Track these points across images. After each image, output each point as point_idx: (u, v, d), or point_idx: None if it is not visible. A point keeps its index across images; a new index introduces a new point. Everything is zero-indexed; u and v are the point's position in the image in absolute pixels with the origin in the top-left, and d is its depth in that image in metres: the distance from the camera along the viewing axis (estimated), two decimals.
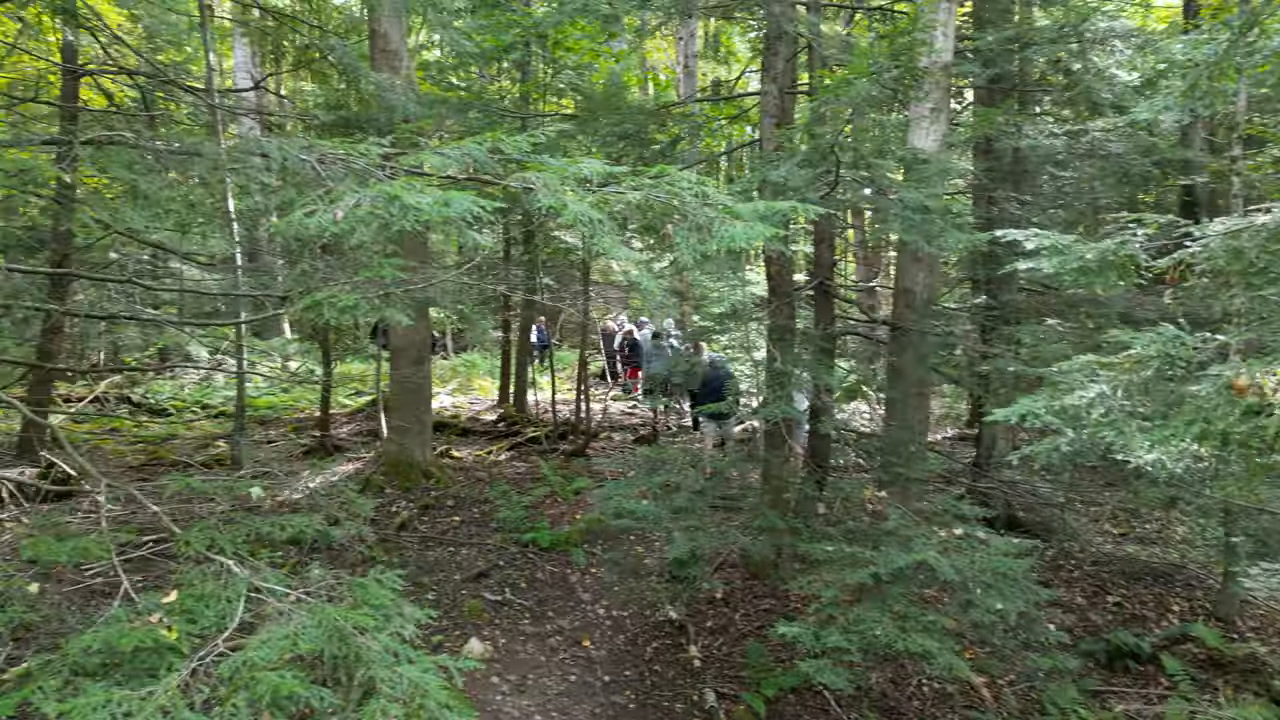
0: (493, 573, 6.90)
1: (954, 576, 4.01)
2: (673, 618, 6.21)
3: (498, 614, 6.27)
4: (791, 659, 5.63)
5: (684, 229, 3.18)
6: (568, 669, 5.63)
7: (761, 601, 6.41)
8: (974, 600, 4.06)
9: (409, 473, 8.78)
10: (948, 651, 3.97)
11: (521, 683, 5.40)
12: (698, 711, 5.13)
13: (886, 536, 4.51)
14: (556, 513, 8.25)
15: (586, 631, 6.15)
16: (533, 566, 7.11)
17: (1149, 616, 6.29)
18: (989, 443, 7.61)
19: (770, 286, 6.52)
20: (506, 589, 6.64)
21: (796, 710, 5.13)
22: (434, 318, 18.22)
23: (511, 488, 8.88)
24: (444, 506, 8.37)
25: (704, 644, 5.90)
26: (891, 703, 5.22)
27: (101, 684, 1.98)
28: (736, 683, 5.42)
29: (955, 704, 5.23)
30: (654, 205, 3.29)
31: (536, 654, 5.77)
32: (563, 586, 6.85)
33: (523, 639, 5.95)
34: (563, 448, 10.47)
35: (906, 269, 5.90)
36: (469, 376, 16.77)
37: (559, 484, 8.84)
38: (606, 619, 6.36)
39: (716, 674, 5.53)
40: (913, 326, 5.68)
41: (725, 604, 6.45)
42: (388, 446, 9.05)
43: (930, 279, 5.84)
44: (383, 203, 2.59)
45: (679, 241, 3.18)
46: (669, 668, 5.63)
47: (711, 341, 10.16)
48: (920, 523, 4.52)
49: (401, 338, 8.76)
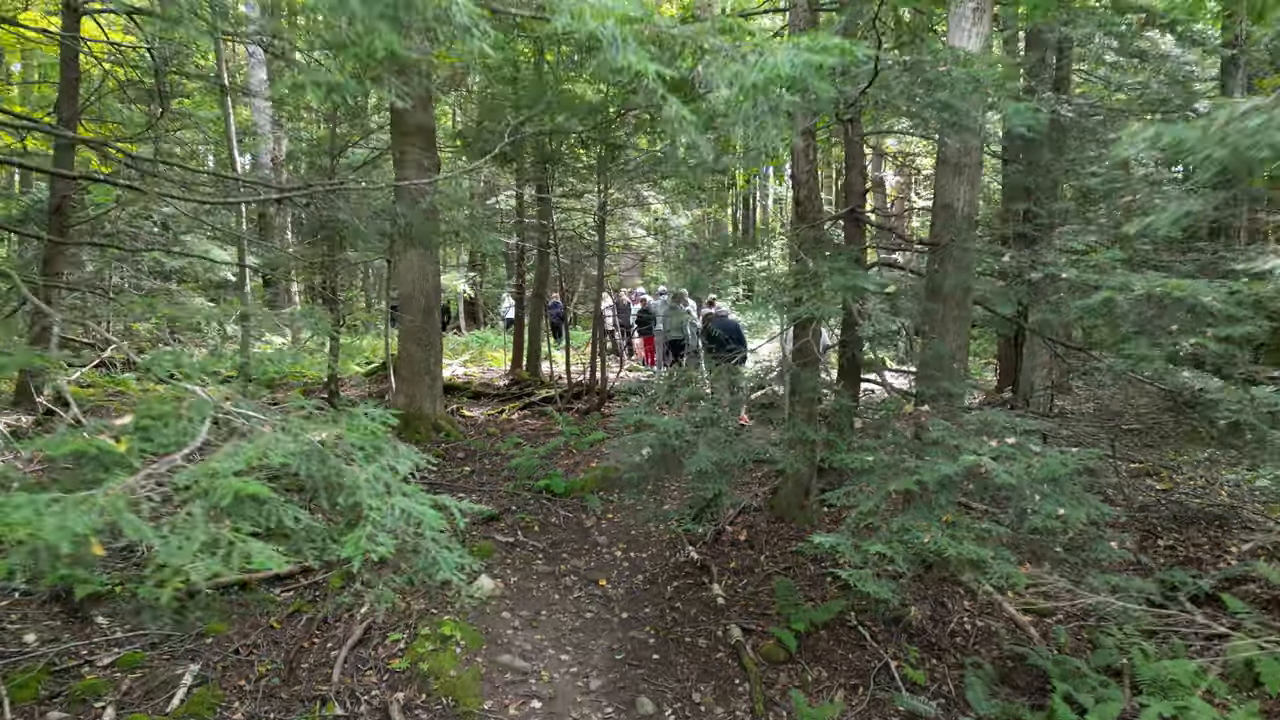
0: (504, 517, 6.57)
1: (1010, 481, 3.63)
2: (694, 558, 5.85)
3: (510, 554, 5.94)
4: (824, 596, 5.26)
5: (719, 60, 2.82)
6: (583, 606, 5.29)
7: (788, 544, 6.04)
8: (1032, 508, 3.68)
9: (418, 425, 8.46)
10: (1003, 561, 3.59)
11: (534, 618, 5.07)
12: (722, 646, 4.77)
13: (931, 447, 4.13)
14: (571, 463, 7.92)
15: (603, 572, 5.80)
16: (546, 512, 6.77)
17: (1204, 559, 5.87)
18: (1026, 386, 7.21)
19: (797, 212, 6.15)
20: (519, 531, 6.31)
21: (829, 645, 4.76)
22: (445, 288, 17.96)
23: (524, 440, 8.56)
24: (454, 458, 8.05)
25: (728, 583, 5.54)
26: (931, 639, 4.84)
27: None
28: (764, 619, 5.05)
29: (1000, 641, 4.84)
30: (680, 38, 2.94)
31: (550, 591, 5.44)
32: (578, 530, 6.51)
33: (536, 578, 5.62)
34: (577, 406, 10.14)
35: (946, 184, 5.50)
36: (481, 350, 16.47)
37: (573, 436, 8.50)
38: (624, 560, 6.01)
39: (741, 611, 5.17)
40: (952, 245, 5.29)
41: (749, 546, 6.08)
42: (396, 400, 8.74)
43: (972, 193, 5.44)
44: None
45: (714, 74, 2.81)
46: (691, 605, 5.27)
47: (723, 295, 9.82)
48: (968, 434, 4.14)
49: (409, 285, 8.45)
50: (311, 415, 2.14)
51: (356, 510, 1.82)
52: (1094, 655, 4.72)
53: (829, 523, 6.28)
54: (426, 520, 1.86)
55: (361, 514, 1.81)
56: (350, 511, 1.84)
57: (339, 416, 2.13)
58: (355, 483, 1.84)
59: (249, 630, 4.84)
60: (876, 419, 4.61)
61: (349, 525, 1.85)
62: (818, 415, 4.83)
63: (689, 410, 4.47)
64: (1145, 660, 4.39)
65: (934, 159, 11.39)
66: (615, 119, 8.19)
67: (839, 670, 4.56)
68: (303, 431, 1.86)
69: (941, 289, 5.36)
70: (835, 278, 4.11)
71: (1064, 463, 3.75)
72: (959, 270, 5.22)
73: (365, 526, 1.78)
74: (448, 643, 4.64)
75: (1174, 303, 4.19)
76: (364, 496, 1.82)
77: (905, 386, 5.25)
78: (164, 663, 4.48)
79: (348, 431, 2.05)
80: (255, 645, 4.68)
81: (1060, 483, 3.85)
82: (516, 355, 12.82)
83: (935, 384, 4.65)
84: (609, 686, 4.41)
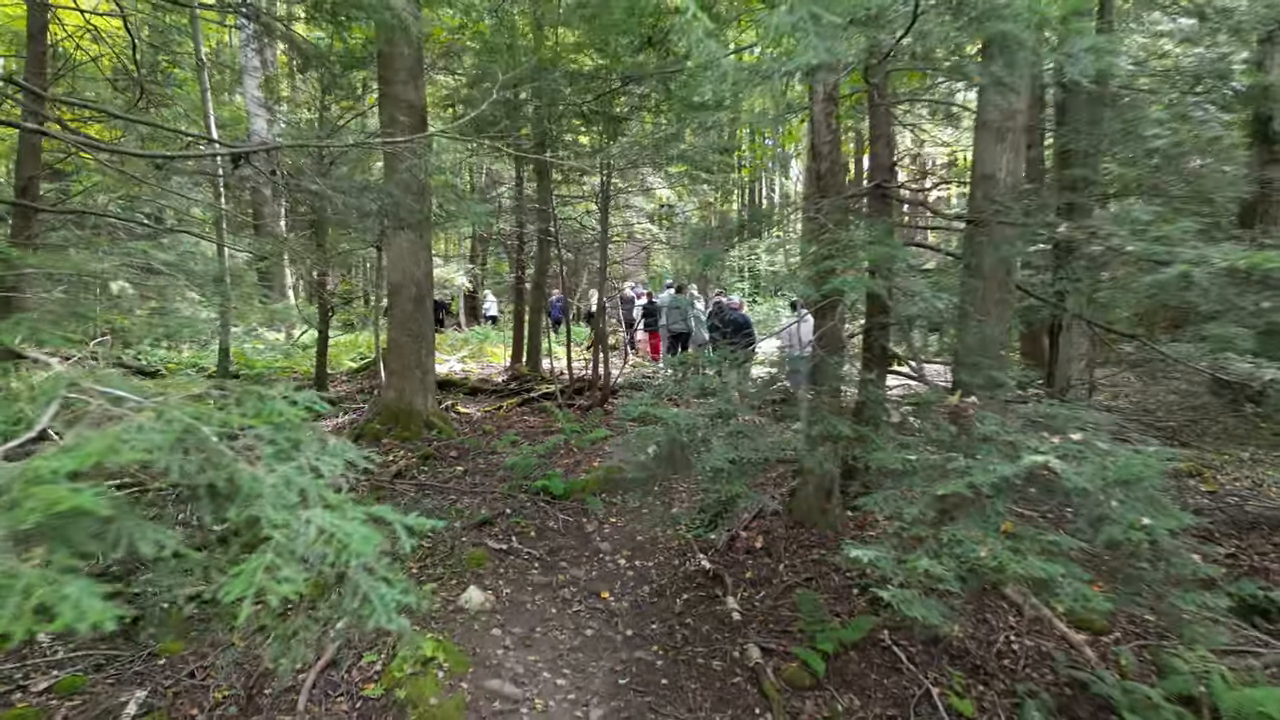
0: (498, 521, 6.03)
1: (1084, 485, 3.08)
2: (706, 567, 5.31)
3: (502, 563, 5.40)
4: (852, 611, 4.71)
5: None
6: (583, 622, 4.75)
7: (809, 551, 5.49)
8: (1109, 515, 3.12)
9: (409, 422, 7.93)
10: (1075, 578, 3.04)
11: (528, 636, 4.53)
12: (739, 669, 4.23)
13: (982, 444, 3.58)
14: (571, 462, 7.37)
15: (605, 583, 5.26)
16: (543, 515, 6.23)
17: (1272, 569, 5.30)
18: (1062, 377, 6.65)
19: (819, 186, 5.60)
20: (513, 537, 5.77)
21: (861, 668, 4.21)
22: (446, 284, 17.43)
23: (521, 438, 8.02)
24: (446, 456, 7.51)
25: (744, 596, 5.00)
26: (975, 661, 4.29)
27: None
28: (785, 637, 4.50)
29: (1054, 663, 4.29)
30: None
31: (546, 605, 4.90)
32: (578, 536, 5.97)
33: (531, 589, 5.08)
34: (579, 402, 9.59)
35: (987, 152, 4.95)
36: (481, 345, 15.94)
37: (574, 433, 7.95)
38: (628, 569, 5.47)
39: (760, 628, 4.62)
40: (995, 219, 4.73)
41: (766, 554, 5.54)
42: (385, 394, 8.21)
43: (1016, 162, 4.89)
44: None
45: None
46: (703, 621, 4.73)
47: (730, 287, 9.26)
48: (1024, 429, 3.59)
49: (398, 272, 7.91)
50: (206, 396, 1.60)
51: (255, 529, 1.29)
52: (1164, 681, 4.16)
53: (854, 528, 5.73)
54: (353, 543, 1.33)
55: (262, 535, 1.28)
56: (248, 530, 1.31)
57: (244, 398, 1.59)
58: (255, 488, 1.31)
59: (208, 649, 4.32)
60: (915, 412, 4.07)
61: (248, 548, 1.32)
62: (843, 409, 4.28)
63: (700, 403, 3.93)
64: (1226, 687, 3.84)
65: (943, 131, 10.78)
66: (618, 89, 7.65)
67: (873, 698, 4.01)
68: (184, 417, 1.33)
69: (982, 268, 4.80)
70: (875, 248, 3.56)
71: (1146, 463, 3.20)
72: (1001, 247, 4.66)
73: (265, 553, 1.25)
74: (429, 665, 4.11)
75: (1263, 277, 3.64)
76: (266, 508, 1.29)
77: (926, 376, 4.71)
78: (108, 688, 3.95)
79: (255, 418, 1.51)
80: (213, 667, 4.16)
81: (1137, 486, 3.29)
82: (516, 350, 12.30)
83: (980, 372, 4.09)
84: (611, 717, 3.86)
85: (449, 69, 10.26)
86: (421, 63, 7.87)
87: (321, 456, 1.52)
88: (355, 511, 1.43)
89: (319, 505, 1.38)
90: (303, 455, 1.50)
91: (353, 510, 1.42)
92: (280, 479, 1.37)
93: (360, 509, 1.44)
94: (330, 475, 1.51)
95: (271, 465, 1.40)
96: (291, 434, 1.52)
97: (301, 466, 1.46)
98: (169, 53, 9.60)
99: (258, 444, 1.44)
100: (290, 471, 1.41)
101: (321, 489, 1.43)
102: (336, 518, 1.36)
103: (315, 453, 1.53)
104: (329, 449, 1.57)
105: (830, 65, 4.96)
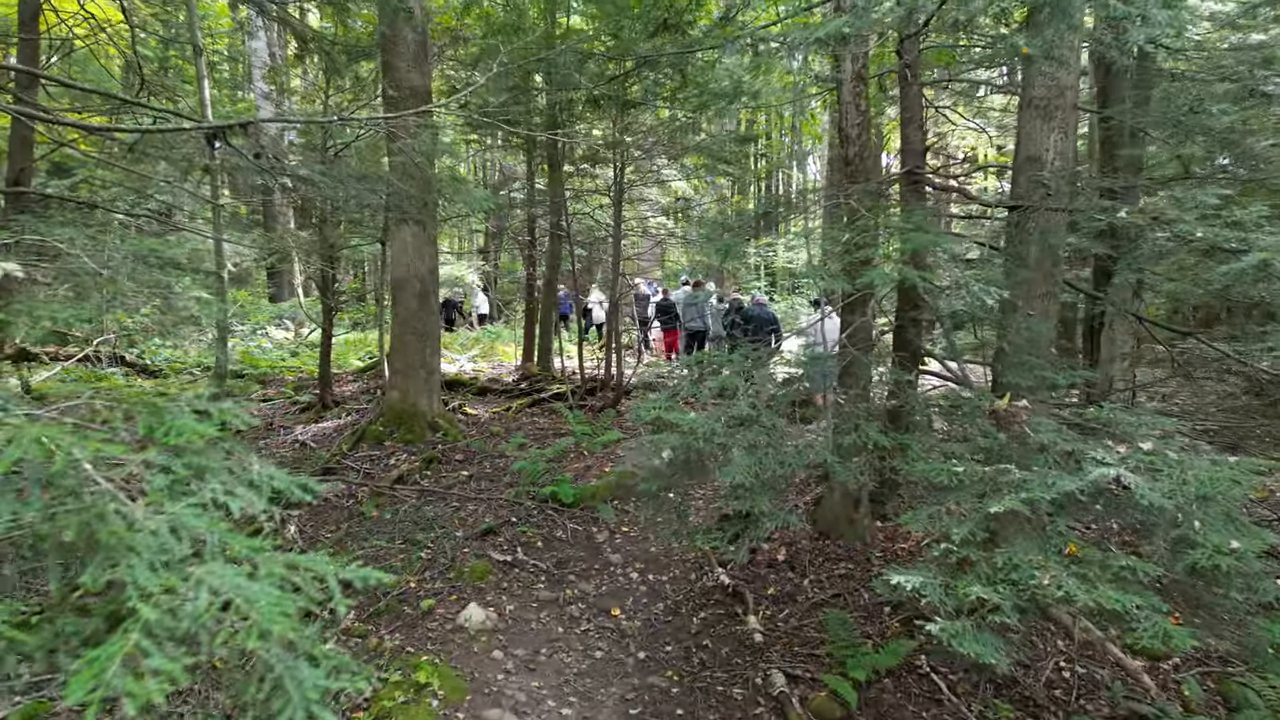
0: (503, 530, 5.68)
1: (1161, 502, 2.67)
2: (725, 582, 4.93)
3: (506, 576, 5.05)
4: (884, 633, 4.32)
5: None
6: (592, 643, 4.38)
7: (836, 565, 5.10)
8: (1191, 537, 2.71)
9: (412, 423, 7.60)
10: (1153, 611, 2.63)
11: (532, 659, 4.17)
12: (762, 698, 3.84)
13: (1038, 455, 3.18)
14: (582, 466, 7.01)
15: (616, 599, 4.90)
16: (551, 524, 5.87)
17: None
18: (1105, 378, 6.21)
19: (847, 173, 5.22)
20: (519, 548, 5.42)
21: (897, 699, 3.81)
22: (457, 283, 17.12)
23: (530, 441, 7.67)
24: (451, 460, 7.17)
25: (766, 615, 4.62)
26: (1025, 691, 3.88)
27: None
28: (812, 662, 4.12)
29: (1111, 694, 3.88)
30: None
31: (552, 624, 4.54)
32: (587, 546, 5.60)
33: (536, 606, 4.72)
34: (590, 403, 9.23)
35: (1033, 133, 4.53)
36: (491, 344, 15.61)
37: (585, 435, 7.59)
38: (641, 584, 5.10)
39: (784, 651, 4.23)
40: (1043, 205, 4.32)
41: (790, 568, 5.15)
42: (389, 395, 7.88)
43: (1065, 143, 4.47)
44: None
45: None
46: (722, 643, 4.35)
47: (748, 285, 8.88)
48: (1085, 437, 3.19)
49: (402, 267, 7.58)
50: (72, 411, 1.24)
51: (121, 597, 0.93)
52: (1236, 715, 3.75)
53: (884, 540, 5.33)
54: (259, 613, 0.97)
55: (127, 606, 0.92)
56: (113, 600, 0.95)
57: (134, 410, 1.23)
58: (123, 539, 0.95)
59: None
60: (956, 417, 3.67)
61: (111, 623, 0.96)
62: (876, 413, 3.89)
63: (719, 405, 3.55)
64: None
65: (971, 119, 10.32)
66: (630, 72, 7.27)
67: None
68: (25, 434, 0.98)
69: (1027, 259, 4.39)
70: (916, 235, 3.17)
71: (1232, 476, 2.79)
72: (1049, 236, 4.25)
73: (127, 633, 0.89)
74: (423, 692, 3.76)
75: None
76: (136, 569, 0.93)
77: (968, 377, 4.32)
78: (74, 714, 3.63)
79: (162, 436, 1.16)
80: (190, 690, 3.82)
81: (1215, 502, 2.89)
82: (527, 349, 11.96)
83: (1031, 373, 3.69)
84: None
85: (456, 58, 9.93)
86: (426, 47, 7.53)
87: (234, 488, 1.16)
88: (272, 564, 1.06)
89: (215, 558, 1.03)
90: (208, 487, 1.15)
91: (269, 562, 1.06)
92: (164, 524, 1.01)
93: (280, 560, 1.08)
94: (247, 510, 1.15)
95: (160, 504, 1.05)
96: (195, 459, 1.16)
97: (204, 503, 1.11)
98: (174, 44, 9.31)
99: (148, 472, 1.09)
100: (183, 513, 1.05)
101: (226, 534, 1.07)
102: (239, 577, 1.01)
103: (225, 484, 1.17)
104: (247, 476, 1.21)
105: (861, 36, 4.57)
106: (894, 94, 8.42)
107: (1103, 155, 6.00)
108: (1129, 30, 3.34)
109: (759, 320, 8.78)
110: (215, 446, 1.22)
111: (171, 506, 1.05)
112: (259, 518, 1.17)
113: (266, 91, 12.22)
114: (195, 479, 1.15)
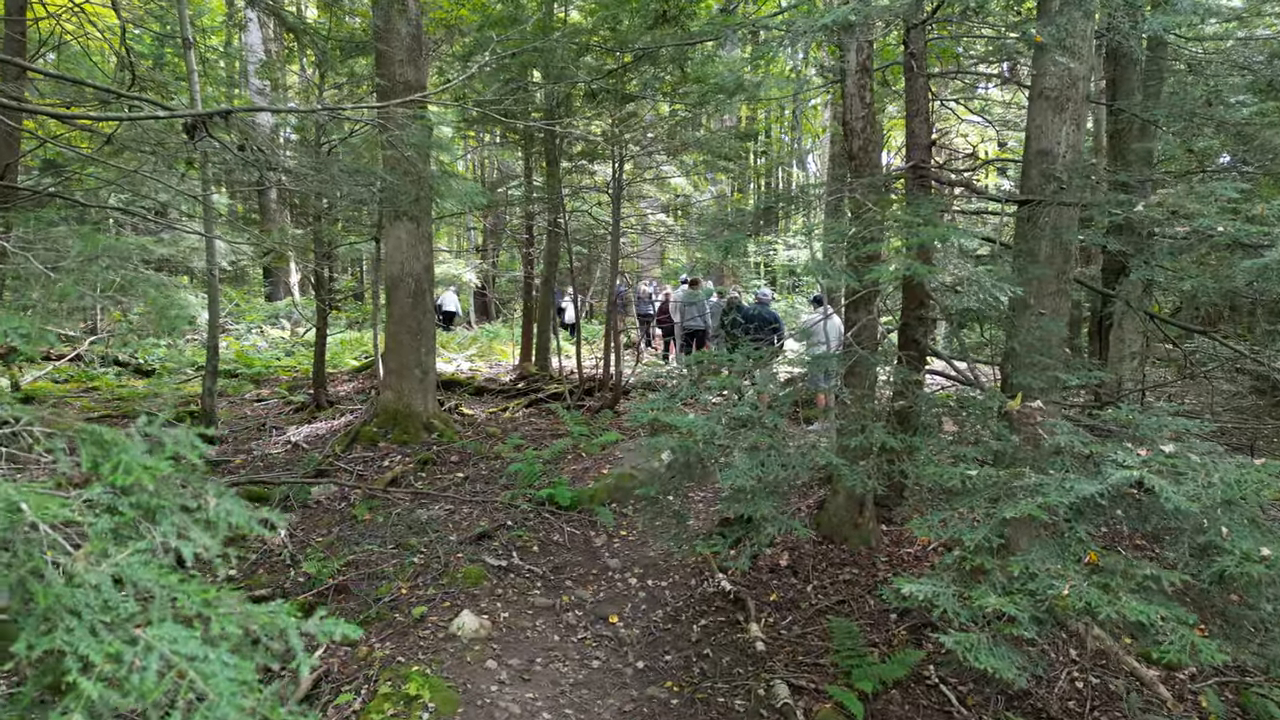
0: (498, 533, 5.54)
1: (1188, 506, 2.53)
2: (726, 589, 4.80)
3: (501, 581, 4.90)
4: (891, 641, 4.18)
5: None
6: (589, 652, 4.24)
7: (840, 571, 4.96)
8: (1219, 544, 2.58)
9: (407, 424, 7.46)
10: (1180, 623, 2.49)
11: (527, 669, 4.03)
12: (765, 710, 3.71)
13: (1054, 458, 3.04)
14: (579, 468, 6.87)
15: (614, 605, 4.76)
16: (548, 527, 5.73)
17: None
18: (1113, 381, 6.08)
19: (851, 165, 5.08)
20: (514, 552, 5.28)
21: (906, 711, 3.68)
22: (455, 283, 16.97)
23: (527, 442, 7.53)
24: (446, 461, 7.03)
25: (768, 622, 4.48)
26: (1037, 703, 3.75)
27: None
28: (816, 673, 3.98)
29: (1127, 706, 3.74)
30: None
31: (548, 632, 4.40)
32: (585, 551, 5.46)
33: (531, 613, 4.58)
34: (589, 403, 9.09)
35: (1044, 125, 4.39)
36: (490, 344, 15.47)
37: (582, 436, 7.44)
38: (640, 590, 4.96)
39: (788, 660, 4.10)
40: (1055, 199, 4.18)
41: (793, 573, 5.01)
42: (384, 396, 7.74)
43: (1077, 135, 4.33)
44: None
45: None
46: (723, 651, 4.21)
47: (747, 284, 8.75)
48: (1103, 439, 3.05)
49: (396, 265, 7.44)
50: (9, 441, 1.09)
51: (58, 662, 0.78)
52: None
53: (890, 544, 5.19)
54: (214, 686, 0.82)
55: (67, 678, 0.78)
56: (50, 668, 0.81)
57: (84, 434, 1.07)
58: (62, 598, 0.81)
59: None
60: (966, 418, 3.53)
61: (53, 689, 0.81)
62: (882, 414, 3.74)
63: (719, 406, 3.41)
64: None
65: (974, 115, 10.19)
66: (629, 65, 7.14)
67: None
68: None
69: (1038, 255, 4.26)
70: (926, 229, 3.03)
71: (1259, 479, 2.66)
72: (1061, 231, 4.11)
73: (67, 715, 0.75)
74: (413, 705, 3.61)
75: None
76: (76, 634, 0.79)
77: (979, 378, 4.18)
78: None
79: (108, 473, 1.01)
80: None
81: (1240, 506, 2.76)
82: (525, 349, 11.82)
83: (1043, 373, 3.55)
84: None
85: (452, 54, 9.79)
86: (421, 41, 7.39)
87: (188, 530, 1.01)
88: (226, 621, 0.91)
89: (167, 616, 0.87)
90: (159, 530, 1.00)
91: (223, 617, 0.91)
92: (107, 577, 0.87)
93: (237, 613, 0.92)
94: (201, 553, 0.99)
95: (103, 552, 0.90)
96: (143, 498, 1.01)
97: (148, 551, 0.95)
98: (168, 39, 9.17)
99: (86, 517, 0.94)
100: (129, 562, 0.90)
101: (178, 585, 0.92)
102: (192, 640, 0.86)
103: (177, 525, 1.01)
104: (203, 515, 1.06)
105: (867, 24, 4.43)
106: (896, 89, 8.29)
107: (1111, 149, 5.87)
108: (1145, 19, 3.21)
109: (761, 320, 8.61)
110: (167, 481, 1.07)
111: (116, 553, 0.91)
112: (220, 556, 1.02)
113: (261, 88, 12.08)
114: (145, 519, 1.00)
